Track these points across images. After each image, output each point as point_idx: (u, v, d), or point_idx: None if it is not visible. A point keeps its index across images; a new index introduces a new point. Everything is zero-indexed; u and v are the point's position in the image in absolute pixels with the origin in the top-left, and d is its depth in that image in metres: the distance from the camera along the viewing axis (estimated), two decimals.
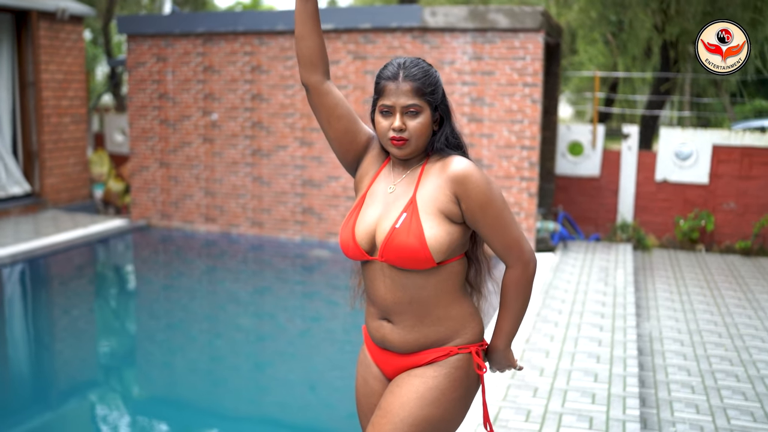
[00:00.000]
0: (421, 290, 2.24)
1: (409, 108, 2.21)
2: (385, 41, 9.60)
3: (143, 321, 7.89)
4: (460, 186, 2.20)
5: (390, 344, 2.33)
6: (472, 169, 2.22)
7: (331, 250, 10.01)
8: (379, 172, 2.36)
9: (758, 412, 4.65)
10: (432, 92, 2.24)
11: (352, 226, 2.29)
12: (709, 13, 12.06)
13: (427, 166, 2.30)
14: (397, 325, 2.29)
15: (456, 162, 2.24)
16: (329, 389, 6.07)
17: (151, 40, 10.89)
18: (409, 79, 2.21)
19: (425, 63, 2.28)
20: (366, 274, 2.33)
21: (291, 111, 10.21)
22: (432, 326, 2.28)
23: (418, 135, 2.23)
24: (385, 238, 2.20)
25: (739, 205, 9.89)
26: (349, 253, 2.30)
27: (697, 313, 6.89)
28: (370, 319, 2.37)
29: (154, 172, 11.10)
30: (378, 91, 2.27)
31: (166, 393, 5.95)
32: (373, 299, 2.33)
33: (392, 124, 2.21)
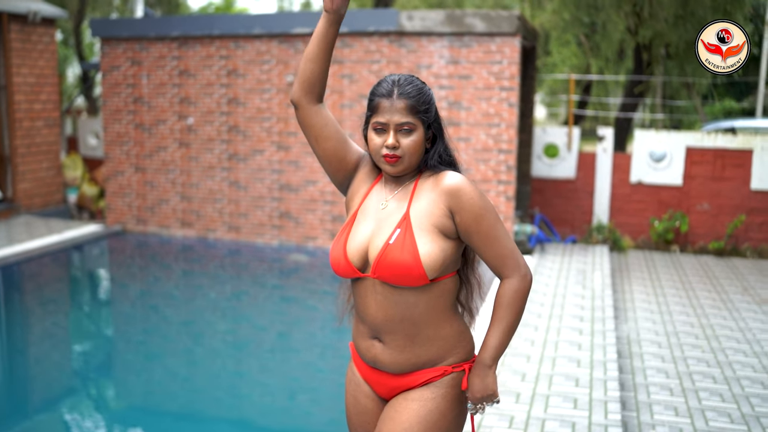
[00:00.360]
0: (413, 308, 2.23)
1: (403, 126, 2.21)
2: (362, 45, 9.60)
3: (120, 328, 7.82)
4: (453, 199, 2.21)
5: (382, 364, 2.31)
6: (465, 183, 2.23)
7: (308, 254, 10.00)
8: (371, 189, 2.35)
9: (735, 413, 4.71)
10: (426, 110, 2.25)
11: (343, 242, 2.27)
12: (681, 17, 12.21)
13: (419, 182, 2.30)
14: (388, 344, 2.27)
15: (449, 176, 2.25)
16: (309, 395, 6.07)
17: (125, 44, 10.80)
18: (403, 97, 2.21)
19: (419, 81, 2.29)
20: (357, 291, 2.30)
21: (268, 115, 10.18)
22: (423, 346, 2.27)
23: (411, 153, 2.23)
24: (378, 254, 2.19)
25: (712, 206, 10.02)
26: (340, 270, 2.27)
27: (673, 314, 6.97)
28: (361, 338, 2.35)
29: (129, 176, 11.01)
30: (372, 107, 2.26)
31: (143, 400, 5.91)
32: (363, 317, 2.30)
33: (386, 141, 2.21)
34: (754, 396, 4.98)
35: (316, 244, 10.14)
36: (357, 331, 2.37)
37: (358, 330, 2.36)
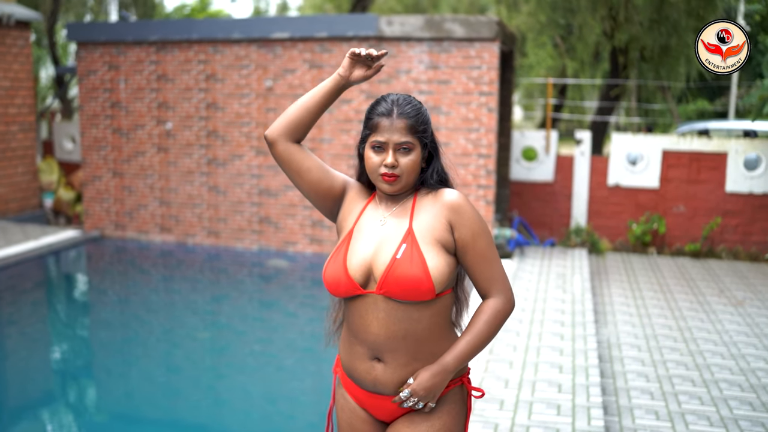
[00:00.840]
0: (417, 324, 2.23)
1: (402, 145, 2.23)
2: (341, 50, 9.61)
3: (98, 334, 7.77)
4: (454, 214, 2.25)
5: (383, 386, 2.28)
6: (465, 200, 2.28)
7: (288, 259, 9.99)
8: (365, 208, 2.35)
9: (714, 416, 4.78)
10: (424, 130, 2.28)
11: (342, 261, 2.25)
12: (656, 21, 12.35)
13: (418, 199, 2.32)
14: (389, 364, 2.25)
15: (449, 193, 2.29)
16: (289, 400, 6.08)
17: (102, 48, 10.73)
18: (403, 117, 2.23)
19: (416, 100, 2.31)
20: (354, 310, 2.27)
21: (247, 120, 10.17)
22: (425, 362, 2.26)
23: (409, 172, 2.25)
24: (386, 269, 2.19)
25: (688, 209, 10.15)
26: (340, 288, 2.24)
27: (652, 317, 7.06)
28: (358, 361, 2.30)
29: (107, 181, 10.94)
30: (371, 126, 2.27)
31: (122, 406, 5.89)
32: (362, 338, 2.27)
33: (384, 160, 2.23)
34: (732, 399, 5.06)
35: (296, 249, 10.14)
36: (351, 355, 2.32)
37: (354, 353, 2.31)
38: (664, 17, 12.28)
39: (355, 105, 9.67)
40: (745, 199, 9.93)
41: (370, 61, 2.30)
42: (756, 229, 9.92)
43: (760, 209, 9.88)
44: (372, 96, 9.56)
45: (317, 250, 10.06)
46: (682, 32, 12.54)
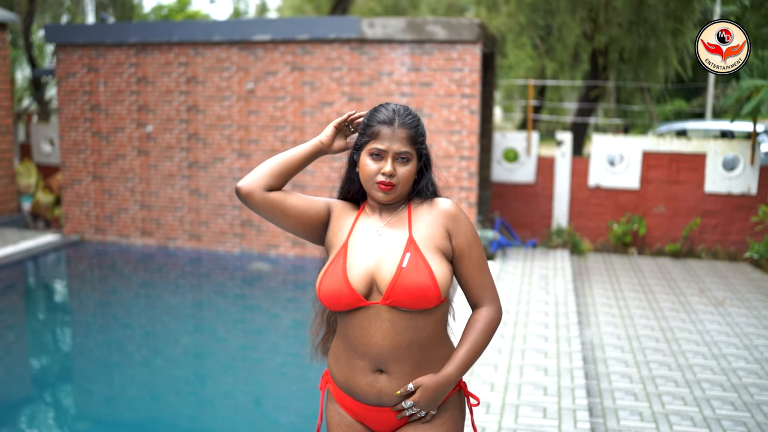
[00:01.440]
0: (421, 332, 2.23)
1: (402, 155, 2.24)
2: (323, 53, 9.60)
3: (79, 339, 7.71)
4: (452, 222, 2.28)
5: (388, 398, 2.25)
6: (460, 209, 2.32)
7: (271, 262, 9.96)
8: (357, 221, 2.34)
9: (697, 416, 4.83)
10: (422, 141, 2.29)
11: (342, 273, 2.22)
12: (635, 23, 12.45)
13: (413, 208, 2.33)
14: (394, 374, 2.23)
15: (444, 201, 2.32)
16: (273, 403, 6.06)
17: (81, 50, 10.64)
18: (405, 127, 2.24)
19: (415, 113, 2.33)
20: (354, 323, 2.23)
21: (228, 122, 10.12)
22: (429, 370, 2.26)
23: (404, 182, 2.25)
24: (393, 278, 2.17)
25: (668, 209, 10.24)
26: (342, 301, 2.20)
27: (634, 318, 7.11)
28: (359, 376, 2.26)
29: (86, 185, 10.85)
30: (370, 133, 2.26)
31: (103, 412, 5.84)
32: (364, 350, 2.23)
33: (382, 168, 2.23)
34: (715, 398, 5.11)
35: (279, 252, 10.11)
36: (350, 370, 2.28)
37: (353, 367, 2.27)
38: (643, 19, 12.38)
39: (337, 107, 9.66)
40: (724, 199, 10.03)
41: (348, 126, 2.36)
42: (734, 228, 10.02)
43: (738, 209, 9.98)
44: (353, 98, 9.56)
45: (300, 253, 10.04)
46: (660, 34, 12.66)
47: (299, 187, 9.95)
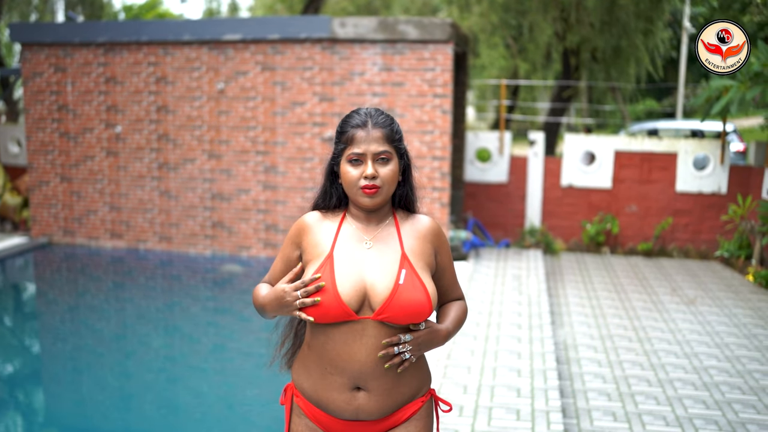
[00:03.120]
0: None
1: (381, 155, 2.19)
2: (294, 52, 9.52)
3: (47, 344, 7.57)
4: (438, 240, 2.32)
5: (367, 414, 2.21)
6: (439, 225, 2.37)
7: (242, 264, 9.87)
8: (339, 232, 2.27)
9: (670, 415, 4.83)
10: (399, 139, 2.26)
11: (332, 285, 2.14)
12: (607, 23, 12.50)
13: (399, 222, 2.31)
14: (373, 391, 2.19)
15: (427, 219, 2.35)
16: (245, 405, 5.99)
17: (48, 50, 10.47)
18: (378, 126, 2.20)
19: (385, 112, 2.30)
20: (335, 337, 2.18)
21: (198, 123, 10.01)
22: (407, 384, 2.25)
23: (389, 182, 2.21)
24: (389, 295, 2.14)
25: (640, 209, 10.28)
26: (330, 313, 2.13)
27: (607, 317, 7.11)
28: (335, 392, 2.21)
29: (54, 187, 10.68)
30: (346, 139, 2.21)
31: (73, 417, 5.74)
32: (343, 366, 2.17)
33: (364, 172, 2.17)
34: (687, 398, 5.12)
35: (250, 254, 10.02)
36: (324, 385, 2.23)
37: (328, 383, 2.22)
38: (615, 19, 12.45)
39: (308, 107, 9.59)
40: (695, 198, 10.10)
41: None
42: (705, 227, 10.09)
43: (709, 208, 10.05)
44: (324, 98, 9.50)
45: (271, 254, 9.96)
46: (631, 34, 12.73)
47: (271, 188, 9.87)
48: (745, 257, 9.28)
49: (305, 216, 2.33)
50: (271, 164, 9.83)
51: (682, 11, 18.34)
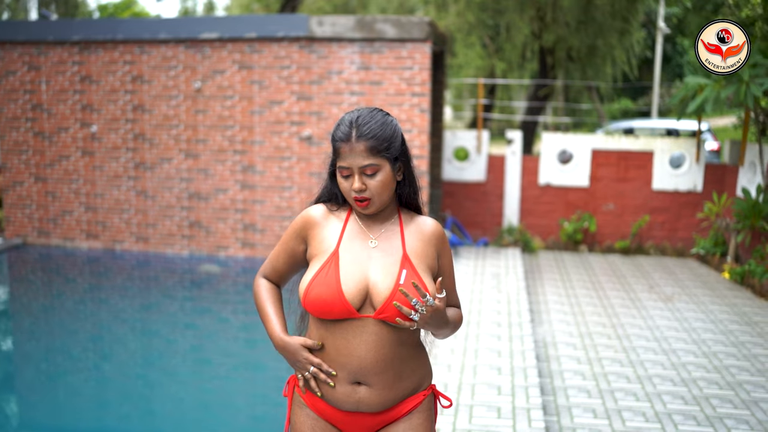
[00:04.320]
0: (403, 345, 2.23)
1: (366, 169, 2.17)
2: (271, 51, 9.48)
3: (21, 345, 7.47)
4: (441, 243, 2.32)
5: (367, 407, 2.24)
6: (443, 229, 2.36)
7: (220, 264, 9.80)
8: (345, 228, 2.28)
9: (649, 411, 4.86)
10: (388, 147, 2.19)
11: (336, 283, 2.16)
12: (582, 22, 12.57)
13: (403, 222, 2.32)
14: (374, 386, 2.22)
15: (431, 222, 2.33)
16: (223, 407, 5.95)
17: (21, 48, 10.34)
18: (362, 139, 2.15)
19: (379, 114, 2.23)
20: (336, 332, 2.20)
21: (175, 122, 9.93)
22: (408, 378, 2.27)
23: (379, 193, 2.20)
24: (390, 295, 2.15)
25: (617, 207, 10.35)
26: (333, 310, 2.15)
27: (586, 315, 7.15)
28: (336, 385, 2.22)
29: (29, 187, 10.55)
30: (334, 152, 2.22)
31: (48, 420, 5.66)
32: (344, 361, 2.19)
33: (353, 185, 2.18)
34: (665, 393, 5.15)
35: (228, 254, 9.96)
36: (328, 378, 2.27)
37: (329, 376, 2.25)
38: (590, 18, 12.52)
39: (286, 107, 9.55)
40: (672, 196, 10.18)
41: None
42: (681, 225, 10.18)
43: (685, 206, 10.14)
44: (302, 97, 9.46)
45: (249, 254, 9.91)
46: (607, 33, 12.82)
47: (248, 188, 9.82)
48: (720, 254, 9.38)
49: (311, 209, 2.33)
50: (249, 163, 9.78)
51: (656, 12, 18.49)
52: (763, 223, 8.28)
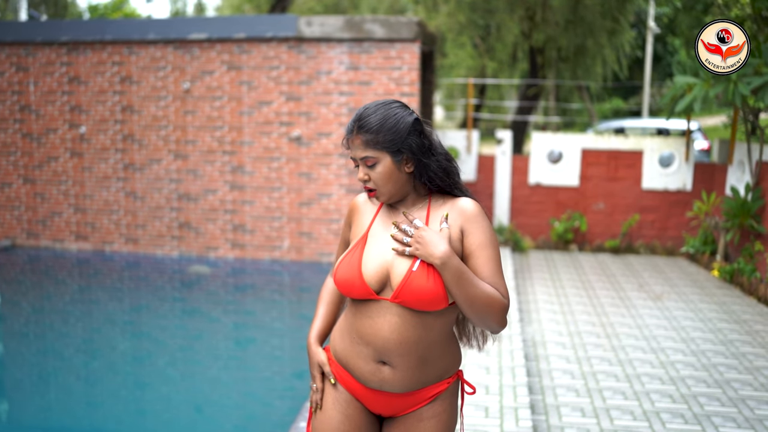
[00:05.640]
0: (430, 330, 2.23)
1: (365, 160, 2.23)
2: (260, 51, 9.46)
3: (11, 348, 7.44)
4: (468, 222, 2.24)
5: (390, 387, 2.28)
6: (480, 210, 2.26)
7: (210, 264, 9.78)
8: (377, 214, 2.36)
9: (637, 410, 4.86)
10: (386, 140, 2.21)
11: (357, 265, 2.25)
12: (572, 22, 12.58)
13: (432, 206, 2.31)
14: (397, 367, 2.25)
15: (465, 201, 2.28)
16: (214, 407, 5.94)
17: (9, 49, 10.29)
18: (360, 133, 2.22)
19: (385, 108, 2.24)
20: (364, 311, 2.26)
21: (164, 123, 9.90)
22: (434, 364, 2.28)
23: (382, 183, 2.24)
24: (402, 281, 2.17)
25: (607, 206, 10.36)
26: (354, 291, 2.24)
27: (575, 314, 7.15)
28: (361, 361, 2.28)
29: (17, 188, 10.50)
30: (348, 145, 2.32)
31: (38, 421, 5.64)
32: (369, 340, 2.25)
33: (359, 175, 2.27)
34: (654, 392, 5.15)
35: (218, 255, 9.94)
36: (354, 353, 2.30)
37: (357, 352, 2.29)
38: (580, 18, 12.53)
39: (275, 107, 9.53)
40: (661, 195, 10.20)
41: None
42: (671, 224, 10.20)
43: (674, 205, 10.16)
44: (291, 97, 9.45)
45: (239, 255, 9.89)
46: (597, 33, 12.83)
47: (238, 188, 9.80)
48: (710, 253, 9.40)
49: (357, 197, 2.46)
50: (238, 164, 9.76)
51: (646, 11, 18.54)
52: (751, 222, 8.30)
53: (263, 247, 9.86)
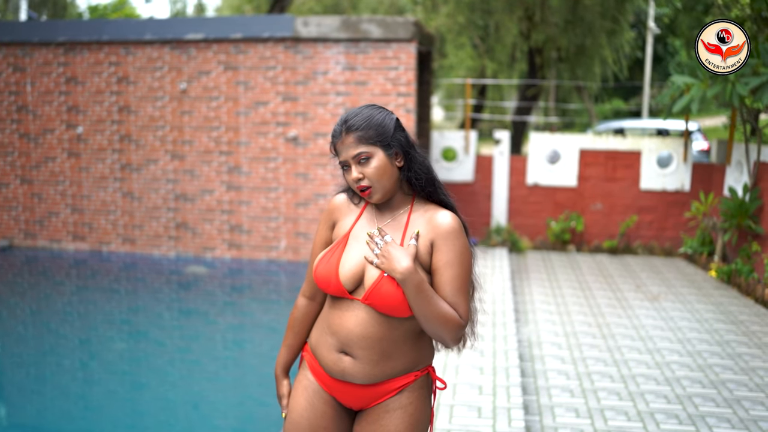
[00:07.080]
0: (395, 330, 2.27)
1: (359, 157, 2.26)
2: (257, 51, 9.45)
3: (8, 348, 7.42)
4: (440, 237, 2.24)
5: (351, 377, 2.33)
6: (457, 226, 2.24)
7: (207, 265, 9.76)
8: (360, 216, 2.40)
9: (631, 411, 4.84)
10: (376, 135, 2.27)
11: (335, 264, 2.31)
12: (570, 22, 12.56)
13: (412, 215, 2.33)
14: (359, 359, 2.30)
15: (444, 215, 2.26)
16: (212, 407, 5.92)
17: (6, 49, 10.29)
18: (350, 132, 2.27)
19: (369, 109, 2.31)
20: (336, 305, 2.33)
21: (161, 123, 9.89)
22: (398, 359, 2.31)
23: (377, 178, 2.26)
24: (372, 284, 2.22)
25: (605, 206, 10.34)
26: (329, 288, 2.32)
27: (572, 314, 7.13)
28: (326, 350, 2.36)
29: (14, 189, 10.49)
30: (335, 151, 2.34)
31: (35, 422, 5.63)
32: (335, 330, 2.32)
33: (351, 176, 2.28)
34: (649, 393, 5.14)
35: (215, 255, 9.92)
36: (320, 342, 2.39)
37: (323, 341, 2.37)
38: (579, 18, 12.51)
39: (272, 107, 9.52)
40: (659, 196, 10.17)
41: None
42: (669, 224, 10.18)
43: (672, 205, 10.13)
44: (288, 97, 9.44)
45: (236, 255, 9.87)
46: (596, 33, 12.81)
47: (234, 189, 9.78)
48: (707, 253, 9.37)
49: (335, 198, 2.50)
50: (235, 164, 9.74)
51: (646, 12, 18.51)
52: (749, 222, 8.27)
53: (260, 248, 9.84)
